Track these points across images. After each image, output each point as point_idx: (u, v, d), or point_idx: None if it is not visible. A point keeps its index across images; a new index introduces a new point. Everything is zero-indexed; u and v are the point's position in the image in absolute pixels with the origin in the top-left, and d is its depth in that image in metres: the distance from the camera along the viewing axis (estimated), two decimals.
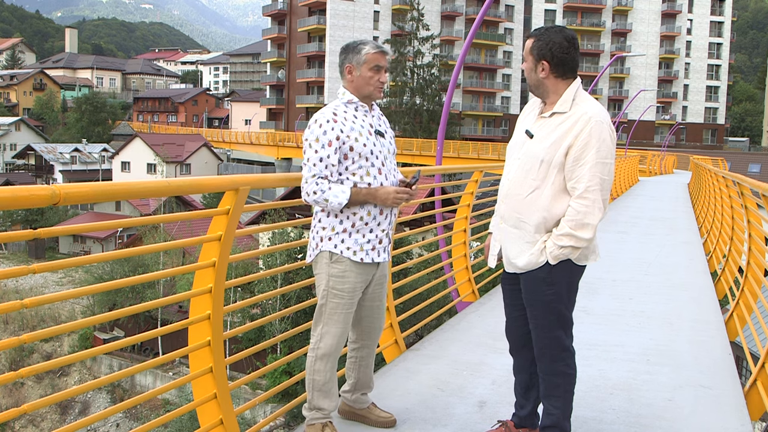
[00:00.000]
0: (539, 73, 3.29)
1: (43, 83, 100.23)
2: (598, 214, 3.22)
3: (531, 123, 3.39)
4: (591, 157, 3.17)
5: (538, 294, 3.33)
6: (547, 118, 3.31)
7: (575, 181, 3.20)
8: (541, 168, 3.24)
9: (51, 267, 2.54)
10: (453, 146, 55.26)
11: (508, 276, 3.50)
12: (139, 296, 30.23)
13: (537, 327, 3.38)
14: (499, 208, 3.48)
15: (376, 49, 3.43)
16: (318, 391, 3.48)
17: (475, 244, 8.19)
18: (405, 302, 12.80)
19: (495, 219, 3.56)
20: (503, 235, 3.44)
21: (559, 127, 3.24)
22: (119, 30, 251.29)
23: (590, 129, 3.18)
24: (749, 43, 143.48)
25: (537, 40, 3.28)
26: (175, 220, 5.42)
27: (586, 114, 3.21)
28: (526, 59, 3.34)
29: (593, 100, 3.30)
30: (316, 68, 76.52)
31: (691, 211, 17.12)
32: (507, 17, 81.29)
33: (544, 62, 3.27)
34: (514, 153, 3.41)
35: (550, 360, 3.37)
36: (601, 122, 3.19)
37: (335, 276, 3.40)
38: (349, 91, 3.46)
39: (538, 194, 3.26)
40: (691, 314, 6.58)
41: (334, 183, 3.32)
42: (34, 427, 28.49)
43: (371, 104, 3.53)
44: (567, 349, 3.38)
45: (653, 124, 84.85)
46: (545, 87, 3.31)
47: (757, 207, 6.60)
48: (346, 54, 3.46)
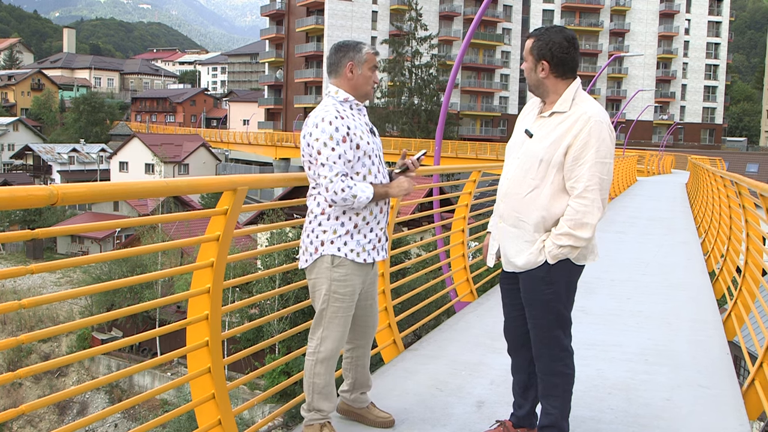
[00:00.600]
0: (539, 72, 3.29)
1: (41, 83, 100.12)
2: (597, 214, 3.22)
3: (530, 122, 3.39)
4: (590, 157, 3.17)
5: (536, 293, 3.33)
6: (546, 117, 3.31)
7: (574, 180, 3.20)
8: (540, 167, 3.24)
9: (49, 267, 2.54)
10: (451, 146, 55.30)
11: (507, 275, 3.50)
12: (137, 296, 30.20)
13: (536, 326, 3.38)
14: (498, 207, 3.48)
15: (373, 51, 3.50)
16: (318, 394, 3.47)
17: (474, 244, 8.19)
18: (403, 302, 12.77)
19: (494, 218, 3.56)
20: (502, 234, 3.44)
21: (559, 127, 3.24)
22: (117, 30, 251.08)
23: (590, 128, 3.18)
24: (747, 43, 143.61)
25: (537, 40, 3.28)
26: (174, 221, 5.42)
27: (586, 114, 3.21)
28: (526, 59, 3.34)
29: (593, 100, 3.30)
30: (314, 68, 76.49)
31: (689, 211, 17.14)
32: (505, 17, 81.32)
33: (544, 62, 3.27)
34: (513, 152, 3.42)
35: (548, 360, 3.36)
36: (601, 122, 3.20)
37: (338, 280, 3.37)
38: (344, 90, 3.44)
39: (537, 193, 3.26)
40: (689, 314, 6.58)
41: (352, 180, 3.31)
42: (32, 427, 28.45)
43: (365, 102, 3.55)
44: (566, 349, 3.38)
45: (651, 124, 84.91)
46: (545, 87, 3.31)
47: (755, 207, 6.60)
48: (345, 52, 3.44)
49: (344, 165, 3.25)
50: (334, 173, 3.23)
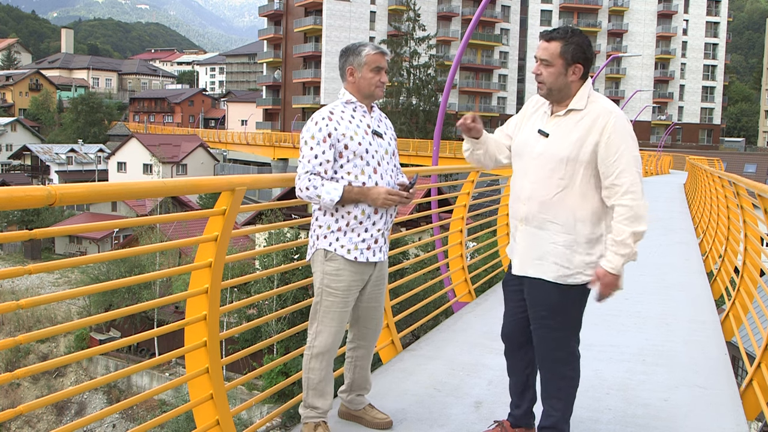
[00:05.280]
0: (570, 76, 3.21)
1: (39, 84, 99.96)
2: (647, 205, 3.17)
3: (542, 122, 3.32)
4: (625, 151, 3.13)
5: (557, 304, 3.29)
6: (562, 116, 3.26)
7: (615, 176, 3.13)
8: (567, 167, 3.19)
9: (47, 267, 2.54)
10: (449, 146, 55.25)
11: (513, 278, 3.45)
12: (135, 297, 30.18)
13: (549, 334, 3.32)
14: (518, 211, 3.36)
15: (375, 51, 3.48)
16: (313, 390, 3.50)
17: (472, 245, 8.20)
18: (401, 303, 12.82)
19: (512, 222, 3.44)
20: (524, 237, 3.34)
21: (579, 124, 3.20)
22: (115, 30, 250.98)
23: (614, 123, 3.15)
24: (745, 43, 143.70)
25: (567, 44, 3.19)
26: (172, 221, 5.43)
27: (606, 109, 3.19)
28: (554, 63, 3.20)
29: (605, 97, 3.29)
30: (312, 69, 76.45)
31: (687, 211, 17.15)
32: (503, 18, 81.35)
33: (578, 65, 3.20)
34: (526, 153, 3.33)
35: (555, 364, 3.33)
36: (623, 117, 3.20)
37: (329, 274, 3.42)
38: (350, 92, 3.51)
39: (567, 193, 3.21)
40: (687, 314, 6.59)
41: (327, 180, 3.35)
42: (30, 428, 28.42)
43: (371, 105, 3.56)
44: (575, 353, 3.36)
45: (649, 125, 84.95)
46: (570, 89, 3.24)
47: (752, 207, 6.61)
48: (346, 57, 3.50)
49: (319, 165, 3.33)
50: (304, 171, 3.35)
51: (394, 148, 3.61)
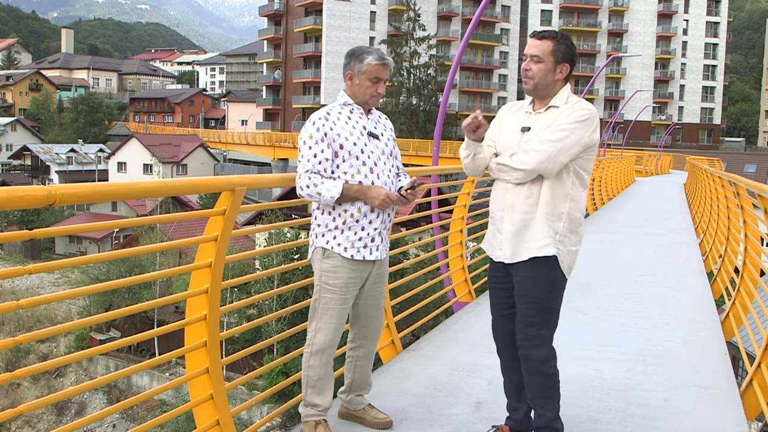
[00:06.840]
0: (557, 74, 3.36)
1: (39, 84, 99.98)
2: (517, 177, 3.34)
3: (524, 121, 3.46)
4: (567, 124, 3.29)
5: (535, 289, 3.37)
6: (542, 113, 3.40)
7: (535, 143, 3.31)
8: None
9: (47, 267, 2.54)
10: (449, 146, 55.28)
11: (497, 272, 3.52)
12: (135, 297, 30.19)
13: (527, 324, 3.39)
14: (503, 200, 3.45)
15: (378, 61, 3.49)
16: (312, 387, 3.52)
17: (472, 245, 8.19)
18: (401, 303, 12.82)
19: (496, 214, 3.51)
20: (508, 226, 3.42)
21: (558, 117, 3.34)
22: (115, 30, 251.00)
23: (575, 110, 3.32)
24: (745, 43, 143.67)
25: (559, 43, 3.34)
26: (172, 221, 5.43)
27: (581, 103, 3.36)
28: (544, 60, 3.34)
29: (584, 100, 3.41)
30: (312, 69, 76.44)
31: (687, 211, 17.15)
32: (503, 18, 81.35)
33: (566, 64, 3.36)
34: (510, 149, 3.43)
35: (537, 362, 3.39)
36: (590, 111, 3.32)
37: (327, 271, 3.46)
38: (347, 94, 3.56)
39: (543, 178, 3.34)
40: (687, 314, 6.59)
41: (326, 178, 3.39)
42: (30, 428, 28.43)
43: (368, 108, 3.58)
44: (553, 348, 3.45)
45: (649, 125, 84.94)
46: (555, 88, 3.40)
47: (753, 207, 6.61)
48: (349, 60, 3.53)
49: (318, 163, 3.38)
50: (304, 170, 3.40)
51: (392, 149, 3.63)
